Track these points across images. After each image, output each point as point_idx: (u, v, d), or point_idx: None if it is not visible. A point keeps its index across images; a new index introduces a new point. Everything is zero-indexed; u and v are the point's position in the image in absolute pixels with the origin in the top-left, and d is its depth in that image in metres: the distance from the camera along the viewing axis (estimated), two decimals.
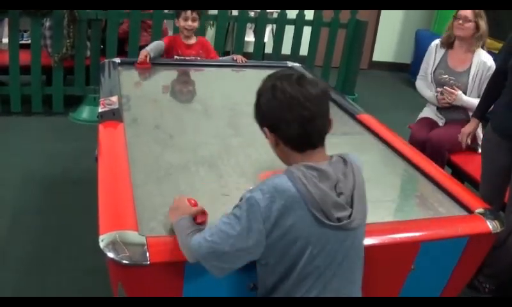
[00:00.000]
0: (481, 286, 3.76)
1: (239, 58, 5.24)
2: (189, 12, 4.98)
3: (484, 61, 4.61)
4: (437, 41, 4.96)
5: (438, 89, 4.80)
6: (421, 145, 4.47)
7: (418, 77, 5.14)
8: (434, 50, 4.91)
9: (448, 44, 4.82)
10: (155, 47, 4.96)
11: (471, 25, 4.59)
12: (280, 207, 1.87)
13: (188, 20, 5.00)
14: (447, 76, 4.72)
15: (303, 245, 1.92)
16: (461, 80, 4.66)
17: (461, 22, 4.59)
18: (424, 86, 4.99)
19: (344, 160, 2.04)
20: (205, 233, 1.99)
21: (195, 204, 2.29)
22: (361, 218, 2.02)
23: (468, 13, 4.56)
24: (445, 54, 4.83)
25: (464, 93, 4.66)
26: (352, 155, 2.10)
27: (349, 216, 1.96)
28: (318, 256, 1.94)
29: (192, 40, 5.19)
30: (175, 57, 5.07)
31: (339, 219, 1.93)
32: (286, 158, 2.08)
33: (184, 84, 4.83)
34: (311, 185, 1.89)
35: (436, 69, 4.84)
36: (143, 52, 4.80)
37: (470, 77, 4.63)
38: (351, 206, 1.97)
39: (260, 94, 2.06)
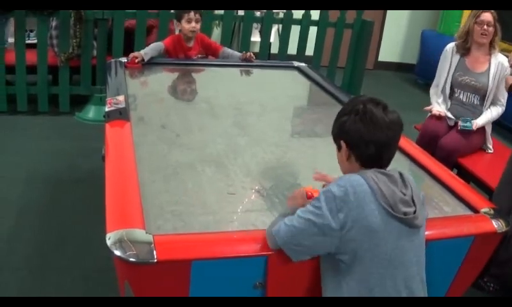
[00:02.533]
0: (486, 286, 3.76)
1: (249, 55, 5.19)
2: (192, 14, 4.95)
3: (501, 61, 4.61)
4: (451, 45, 4.90)
5: (458, 92, 4.80)
6: (432, 137, 4.53)
7: (432, 84, 5.09)
8: (450, 55, 4.86)
9: (464, 50, 4.77)
10: (152, 48, 4.95)
11: (492, 29, 4.59)
12: (354, 200, 2.05)
13: (192, 22, 4.97)
14: (467, 77, 4.70)
15: (372, 235, 2.06)
16: (482, 80, 4.65)
17: (485, 27, 4.57)
18: (435, 98, 4.98)
19: (401, 174, 2.23)
20: (285, 220, 2.16)
21: (311, 197, 2.31)
22: (422, 219, 2.20)
23: (490, 17, 4.56)
24: (462, 58, 4.80)
25: (485, 93, 4.66)
26: (406, 174, 2.28)
27: (414, 212, 2.13)
28: (385, 247, 2.09)
29: (193, 41, 5.19)
30: None
31: (405, 213, 2.10)
32: (351, 171, 2.23)
33: (190, 83, 4.84)
34: (381, 183, 2.09)
35: (454, 72, 4.80)
36: (135, 54, 4.81)
37: (490, 78, 4.61)
38: (415, 206, 2.15)
39: (346, 113, 2.23)
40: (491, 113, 4.65)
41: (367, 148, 2.16)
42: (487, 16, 4.56)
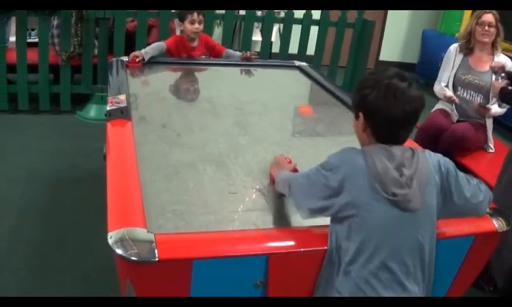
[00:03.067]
0: (486, 286, 3.76)
1: (249, 54, 5.19)
2: (195, 15, 4.97)
3: (504, 61, 4.61)
4: (455, 45, 4.97)
5: (461, 90, 4.81)
6: (437, 131, 4.56)
7: (436, 82, 5.13)
8: (454, 54, 4.91)
9: (467, 50, 4.82)
10: (153, 48, 4.96)
11: (494, 30, 4.61)
12: (351, 171, 2.17)
13: (195, 23, 4.99)
14: (470, 76, 4.73)
15: (357, 210, 2.14)
16: (485, 79, 4.69)
17: (486, 28, 4.60)
18: (441, 88, 4.99)
19: (413, 152, 2.24)
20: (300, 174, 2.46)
21: (290, 162, 2.82)
22: (420, 203, 2.18)
23: (491, 18, 4.59)
24: (465, 57, 4.85)
25: (488, 92, 4.67)
26: (427, 151, 2.35)
27: (406, 196, 2.13)
28: (372, 227, 2.14)
29: (196, 41, 5.19)
30: None
31: (394, 194, 2.12)
32: (365, 141, 2.31)
33: (191, 82, 4.85)
34: (377, 160, 2.15)
35: (457, 71, 4.84)
36: (136, 53, 4.81)
37: (494, 76, 4.61)
38: (409, 188, 2.15)
39: (369, 85, 2.23)
40: (498, 107, 4.67)
41: (384, 124, 2.21)
42: (488, 17, 4.60)
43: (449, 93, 4.85)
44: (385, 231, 2.14)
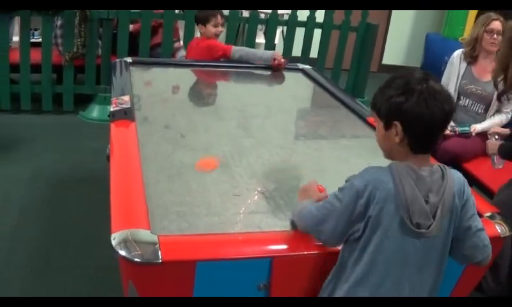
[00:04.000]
0: (488, 287, 3.74)
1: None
2: (219, 18, 5.03)
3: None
4: (459, 52, 4.86)
5: (463, 99, 4.78)
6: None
7: None
8: (458, 62, 4.81)
9: (471, 58, 4.73)
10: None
11: (501, 38, 4.56)
12: (376, 195, 2.03)
13: (219, 26, 5.07)
14: (473, 86, 4.67)
15: (380, 233, 2.05)
16: (487, 89, 4.61)
17: (495, 36, 4.54)
18: None
19: (443, 174, 2.12)
20: (311, 205, 2.23)
21: (322, 191, 2.45)
22: (438, 230, 2.10)
23: (499, 26, 4.52)
24: (469, 65, 4.76)
25: (489, 102, 4.64)
26: (453, 171, 2.20)
27: (429, 226, 2.06)
28: (389, 249, 2.06)
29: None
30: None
31: (418, 225, 2.04)
32: (395, 154, 2.17)
33: (195, 84, 4.84)
34: (407, 185, 2.03)
35: (461, 80, 4.77)
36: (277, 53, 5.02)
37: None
38: (433, 218, 2.06)
39: (400, 92, 2.08)
40: (494, 120, 4.63)
41: (425, 131, 2.07)
42: (497, 24, 4.52)
43: None
44: (400, 259, 2.09)
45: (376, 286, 2.09)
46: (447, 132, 4.58)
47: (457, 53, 4.88)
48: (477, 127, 4.58)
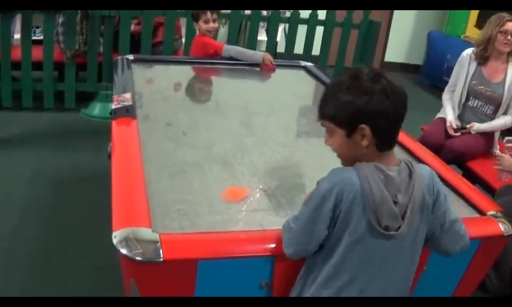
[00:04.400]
0: (491, 285, 3.72)
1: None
2: (209, 14, 5.00)
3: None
4: (469, 52, 4.82)
5: (472, 100, 4.76)
6: (434, 149, 4.47)
7: (446, 88, 5.01)
8: (468, 62, 4.77)
9: (482, 59, 4.69)
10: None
11: None
12: (345, 198, 1.98)
13: (209, 22, 5.04)
14: (482, 87, 4.64)
15: (347, 235, 2.01)
16: (497, 91, 4.61)
17: (509, 37, 4.51)
18: (449, 103, 4.90)
19: (410, 172, 2.08)
20: (289, 219, 2.17)
21: None
22: (409, 230, 2.05)
23: None
24: (479, 66, 4.73)
25: (499, 104, 4.63)
26: (421, 166, 2.18)
27: (398, 228, 2.01)
28: (357, 251, 2.02)
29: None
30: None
31: (387, 228, 2.00)
32: (359, 158, 2.08)
33: (197, 82, 4.84)
34: (374, 186, 1.98)
35: (471, 81, 4.73)
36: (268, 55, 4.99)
37: (506, 88, 4.58)
38: (403, 219, 2.02)
39: (357, 95, 2.00)
40: (498, 121, 4.62)
41: (389, 127, 2.04)
42: (510, 25, 4.48)
43: (450, 117, 4.79)
44: (368, 261, 2.04)
45: (342, 288, 2.05)
46: (452, 132, 4.58)
47: (467, 53, 4.83)
48: (480, 127, 4.58)
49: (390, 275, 2.10)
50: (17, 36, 6.53)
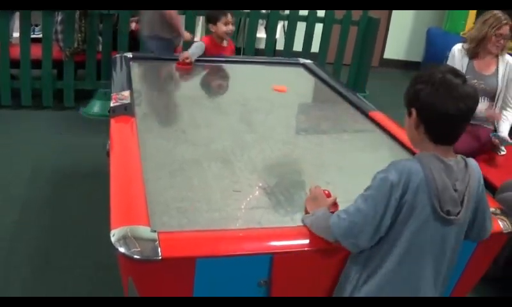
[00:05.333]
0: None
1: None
2: (229, 16, 5.05)
3: (510, 63, 4.61)
4: (459, 47, 4.83)
5: None
6: None
7: None
8: (459, 57, 4.78)
9: (473, 54, 4.70)
10: (197, 47, 4.99)
11: (507, 41, 4.55)
12: (411, 186, 2.05)
13: (229, 24, 5.08)
14: (476, 81, 4.64)
15: (413, 222, 2.09)
16: (490, 83, 4.62)
17: (502, 41, 4.51)
18: None
19: (466, 164, 2.18)
20: (341, 213, 2.17)
21: (329, 195, 2.47)
22: (465, 217, 2.17)
23: (507, 31, 4.49)
24: (470, 61, 4.73)
25: (494, 95, 4.64)
26: (471, 160, 2.24)
27: (458, 213, 2.12)
28: (423, 236, 2.11)
29: (226, 42, 5.27)
30: None
31: (448, 212, 2.09)
32: (417, 142, 2.23)
33: (196, 79, 4.82)
34: (436, 174, 2.06)
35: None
36: (186, 54, 4.82)
37: (499, 79, 4.59)
38: (461, 205, 2.13)
39: (423, 81, 2.13)
40: (508, 119, 4.63)
41: (438, 121, 2.10)
42: (506, 29, 4.48)
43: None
44: (433, 246, 2.14)
45: (408, 276, 2.15)
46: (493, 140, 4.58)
47: (458, 48, 4.85)
48: (505, 132, 4.60)
49: (444, 259, 2.20)
50: (16, 34, 6.53)
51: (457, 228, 2.17)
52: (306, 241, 2.24)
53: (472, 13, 8.87)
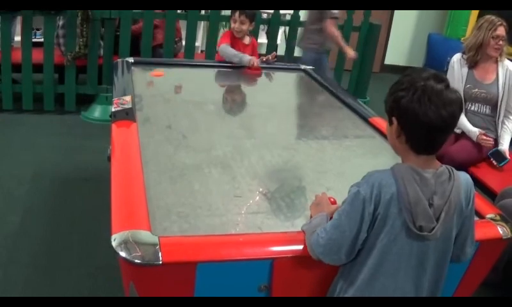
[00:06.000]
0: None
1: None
2: (236, 15, 5.12)
3: (510, 69, 4.60)
4: (458, 57, 4.82)
5: (469, 104, 4.75)
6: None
7: None
8: (458, 68, 4.77)
9: (473, 62, 4.69)
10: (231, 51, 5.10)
11: (505, 42, 4.55)
12: (383, 199, 2.03)
13: (236, 22, 5.14)
14: (477, 90, 4.64)
15: (384, 236, 2.07)
16: (491, 91, 4.61)
17: (500, 42, 4.52)
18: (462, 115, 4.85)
19: (450, 176, 2.10)
20: (320, 232, 2.15)
21: (334, 202, 2.41)
22: (442, 233, 2.09)
23: (503, 31, 4.50)
24: (470, 70, 4.72)
25: (496, 103, 4.64)
26: (461, 173, 2.17)
27: (432, 229, 2.05)
28: (394, 251, 2.08)
29: (247, 40, 5.33)
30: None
31: (421, 228, 2.04)
32: (399, 151, 2.16)
33: (197, 84, 4.83)
34: (410, 188, 2.01)
35: (464, 85, 4.71)
36: (255, 59, 4.99)
37: (500, 87, 4.58)
38: (437, 221, 2.06)
39: (403, 88, 2.04)
40: (509, 129, 4.63)
41: (420, 130, 2.02)
42: (502, 30, 4.48)
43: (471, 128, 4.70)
44: (403, 261, 2.10)
45: (382, 288, 2.11)
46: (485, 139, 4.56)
47: (457, 58, 4.84)
48: (506, 148, 4.59)
49: (424, 275, 2.15)
50: (18, 38, 6.54)
51: (437, 244, 2.11)
52: (307, 246, 2.24)
53: (473, 19, 8.88)
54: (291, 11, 7.42)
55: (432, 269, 2.16)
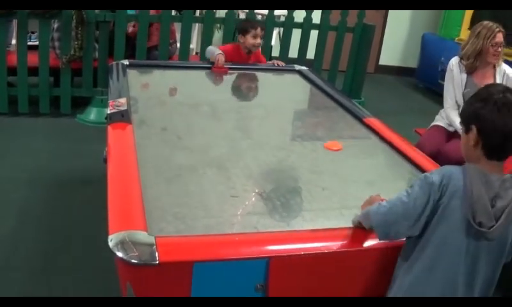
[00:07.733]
0: None
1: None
2: (259, 30, 5.10)
3: (507, 72, 4.62)
4: (455, 62, 4.79)
5: None
6: (431, 156, 4.45)
7: (448, 106, 4.86)
8: (457, 72, 4.75)
9: (472, 69, 4.67)
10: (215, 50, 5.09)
11: (502, 49, 4.55)
12: (449, 190, 2.15)
13: (257, 37, 5.12)
14: None
15: (443, 226, 2.17)
16: None
17: (499, 49, 4.52)
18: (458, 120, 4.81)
19: None
20: (382, 202, 2.32)
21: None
22: (501, 234, 2.17)
23: (501, 37, 4.49)
24: (469, 76, 4.70)
25: None
26: None
27: (491, 227, 2.12)
28: (451, 243, 2.17)
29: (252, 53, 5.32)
30: None
31: (480, 224, 2.12)
32: (470, 157, 2.25)
33: (192, 86, 4.84)
34: (475, 186, 2.12)
35: (464, 90, 4.70)
36: (221, 58, 4.94)
37: None
38: (497, 221, 2.13)
39: (482, 99, 2.19)
40: None
41: (497, 138, 2.14)
42: (500, 36, 4.47)
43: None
44: (460, 255, 2.17)
45: (438, 281, 2.19)
46: None
47: (455, 62, 4.80)
48: None
49: (476, 274, 2.23)
50: (15, 41, 6.54)
51: (492, 245, 2.19)
52: (302, 245, 2.26)
53: (467, 19, 8.89)
54: (285, 12, 7.44)
55: (484, 270, 2.23)
